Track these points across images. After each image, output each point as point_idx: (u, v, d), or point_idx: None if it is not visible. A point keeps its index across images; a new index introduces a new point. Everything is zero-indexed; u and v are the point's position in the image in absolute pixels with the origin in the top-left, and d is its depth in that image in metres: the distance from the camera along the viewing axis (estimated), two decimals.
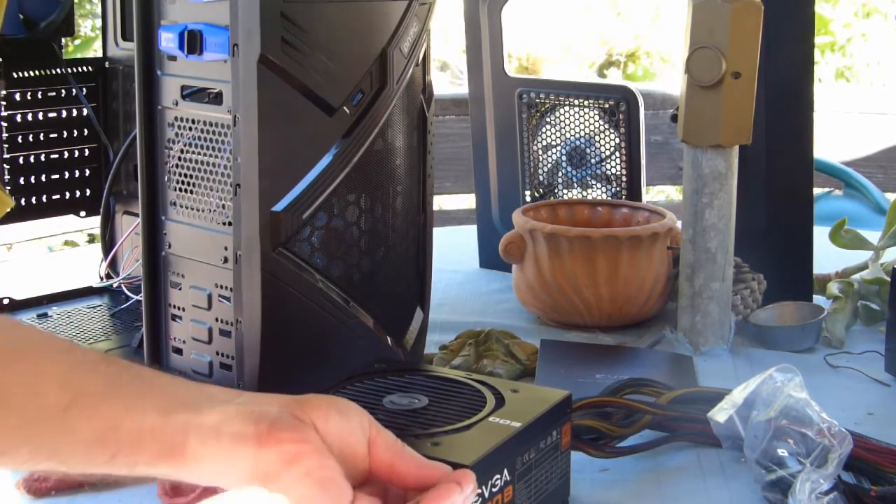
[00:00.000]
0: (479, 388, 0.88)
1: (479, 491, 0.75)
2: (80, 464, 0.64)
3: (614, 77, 5.35)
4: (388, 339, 1.06)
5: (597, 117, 1.51)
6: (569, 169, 1.55)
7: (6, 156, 1.26)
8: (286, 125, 0.94)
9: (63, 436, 0.63)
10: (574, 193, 1.55)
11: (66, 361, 0.64)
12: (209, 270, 0.97)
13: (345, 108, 0.98)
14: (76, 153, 1.34)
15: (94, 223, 1.32)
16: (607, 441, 0.95)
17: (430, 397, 0.85)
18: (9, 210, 0.74)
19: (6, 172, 1.26)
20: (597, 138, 1.52)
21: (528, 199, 1.57)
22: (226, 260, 0.95)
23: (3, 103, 1.25)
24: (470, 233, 1.66)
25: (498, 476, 0.78)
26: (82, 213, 1.36)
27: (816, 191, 2.60)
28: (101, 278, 1.31)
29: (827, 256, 1.44)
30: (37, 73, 1.29)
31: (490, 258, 1.57)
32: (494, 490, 0.77)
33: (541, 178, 1.57)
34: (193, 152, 0.97)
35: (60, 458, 0.64)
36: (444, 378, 0.90)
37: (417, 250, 1.10)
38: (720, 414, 0.93)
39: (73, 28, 1.30)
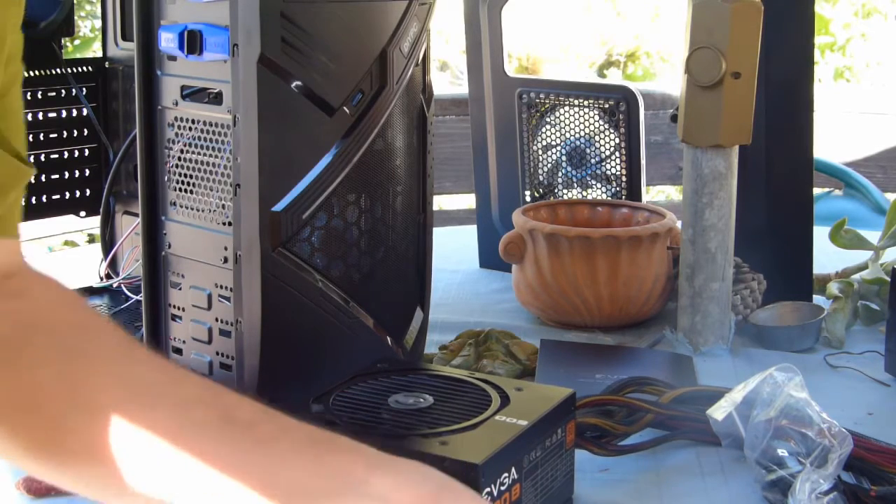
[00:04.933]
0: (484, 386, 0.88)
1: (489, 490, 0.75)
2: None
3: (614, 77, 5.35)
4: (388, 339, 1.06)
5: (597, 117, 1.51)
6: (569, 169, 1.55)
7: None
8: (286, 125, 0.94)
9: (187, 497, 0.62)
10: (574, 193, 1.55)
11: (183, 422, 0.62)
12: (209, 270, 0.97)
13: (345, 108, 0.98)
14: (76, 153, 1.33)
15: (94, 223, 1.32)
16: (610, 439, 0.95)
17: (435, 396, 0.85)
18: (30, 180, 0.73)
19: None
20: (597, 138, 1.52)
21: (528, 199, 1.57)
22: (226, 260, 0.95)
23: None
24: (470, 233, 1.66)
25: (506, 475, 0.78)
26: (82, 213, 1.36)
27: (816, 191, 2.59)
28: (101, 278, 1.31)
29: (827, 256, 1.44)
30: (37, 73, 1.29)
31: (490, 258, 1.57)
32: (503, 489, 0.77)
33: (541, 178, 1.57)
34: (193, 152, 0.97)
35: None
36: (449, 377, 0.90)
37: (417, 250, 1.10)
38: (718, 412, 0.93)
39: (73, 28, 1.30)
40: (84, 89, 1.33)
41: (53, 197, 1.32)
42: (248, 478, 0.61)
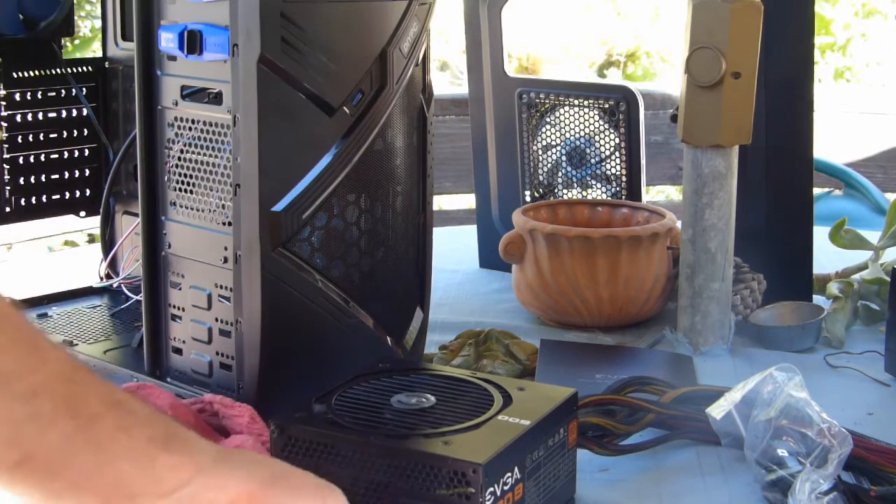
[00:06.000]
0: (486, 386, 0.88)
1: (492, 489, 0.75)
2: None
3: (614, 77, 5.35)
4: (388, 339, 1.06)
5: (597, 117, 1.51)
6: (569, 169, 1.55)
7: (6, 156, 1.26)
8: (286, 125, 0.94)
9: (14, 487, 0.61)
10: (574, 193, 1.55)
11: (23, 413, 0.60)
12: (209, 270, 0.97)
13: (345, 108, 0.98)
14: (76, 153, 1.33)
15: (94, 223, 1.32)
16: (612, 439, 0.95)
17: (437, 396, 0.85)
18: None
19: (6, 172, 1.26)
20: (597, 138, 1.52)
21: (528, 199, 1.57)
22: (226, 260, 0.95)
23: (3, 103, 1.25)
24: (470, 233, 1.66)
25: (509, 474, 0.78)
26: (82, 213, 1.36)
27: (816, 191, 2.59)
28: (101, 278, 1.31)
29: (827, 256, 1.44)
30: (37, 73, 1.29)
31: (490, 258, 1.57)
32: (506, 489, 0.77)
33: (541, 178, 1.57)
34: (193, 152, 0.97)
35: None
36: (451, 377, 0.90)
37: (417, 250, 1.10)
38: (717, 410, 0.93)
39: (73, 28, 1.30)
40: (84, 89, 1.33)
41: (53, 197, 1.32)
42: (73, 477, 0.61)
